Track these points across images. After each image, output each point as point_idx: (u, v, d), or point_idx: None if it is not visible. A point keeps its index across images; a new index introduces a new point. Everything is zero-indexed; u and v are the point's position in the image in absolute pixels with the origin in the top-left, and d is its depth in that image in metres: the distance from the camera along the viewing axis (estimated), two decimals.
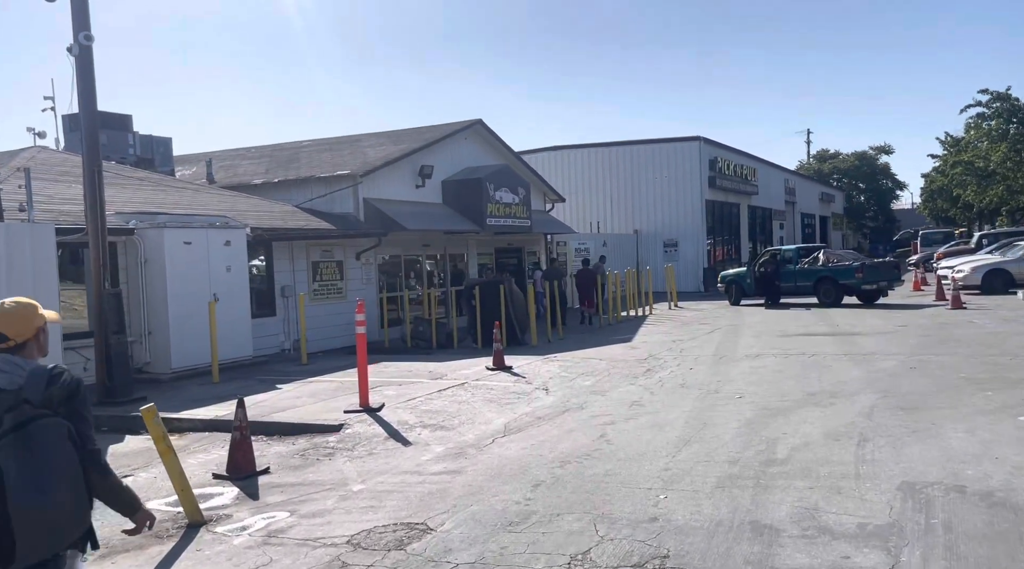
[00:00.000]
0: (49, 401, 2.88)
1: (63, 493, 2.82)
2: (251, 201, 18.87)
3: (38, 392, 2.87)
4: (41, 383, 2.90)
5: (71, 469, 2.86)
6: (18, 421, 2.80)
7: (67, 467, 2.85)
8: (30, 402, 2.85)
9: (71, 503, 2.85)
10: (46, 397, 2.88)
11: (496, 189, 23.40)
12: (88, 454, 2.95)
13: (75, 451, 2.89)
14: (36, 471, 2.77)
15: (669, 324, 20.88)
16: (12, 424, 2.79)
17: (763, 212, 44.78)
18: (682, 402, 10.16)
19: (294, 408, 10.76)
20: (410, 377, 13.03)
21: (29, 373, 2.92)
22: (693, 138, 35.69)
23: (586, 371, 13.20)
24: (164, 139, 24.73)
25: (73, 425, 2.91)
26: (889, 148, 70.69)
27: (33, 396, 2.86)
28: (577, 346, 16.97)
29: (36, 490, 2.75)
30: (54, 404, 2.89)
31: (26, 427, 2.80)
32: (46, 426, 2.84)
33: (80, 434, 2.93)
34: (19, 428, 2.79)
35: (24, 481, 2.74)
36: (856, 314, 20.58)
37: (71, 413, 2.92)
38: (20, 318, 3.05)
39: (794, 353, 13.88)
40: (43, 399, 2.87)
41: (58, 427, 2.86)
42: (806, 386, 10.72)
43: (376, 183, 20.64)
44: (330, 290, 19.09)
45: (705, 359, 13.84)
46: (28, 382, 2.89)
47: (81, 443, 2.92)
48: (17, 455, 2.77)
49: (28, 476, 2.75)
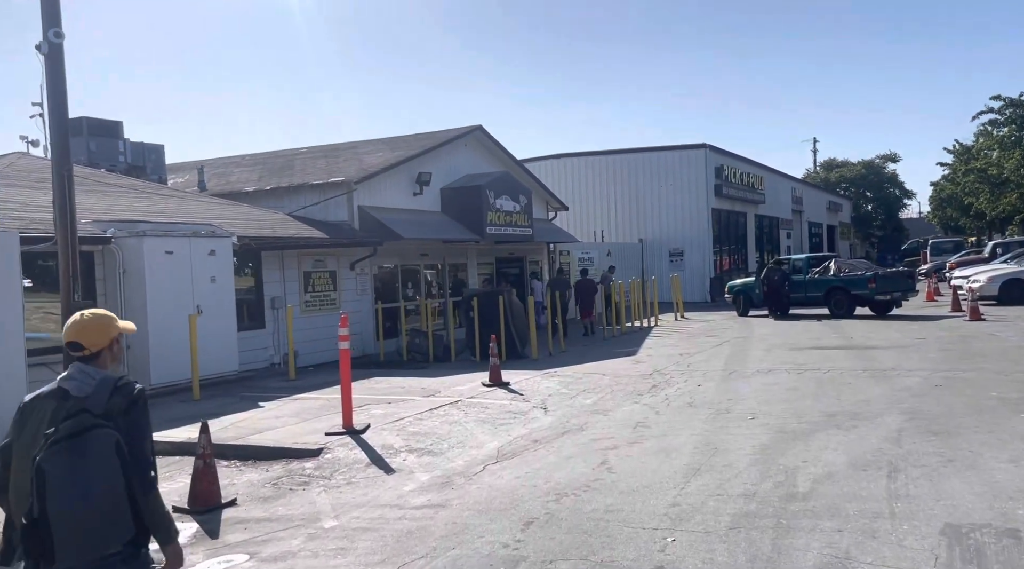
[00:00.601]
0: (109, 411, 2.96)
1: (100, 501, 2.87)
2: (240, 209, 18.18)
3: (101, 402, 2.96)
4: (105, 393, 2.99)
5: (112, 481, 2.90)
6: (73, 430, 2.88)
7: (109, 479, 2.90)
8: (90, 411, 2.93)
9: (109, 510, 2.90)
10: (108, 407, 2.97)
11: (496, 197, 22.69)
12: (135, 467, 2.98)
13: (119, 464, 2.93)
14: (78, 479, 2.85)
15: (675, 336, 20.12)
16: (67, 432, 2.88)
17: (770, 221, 44.00)
18: (690, 423, 9.40)
19: (273, 429, 10.02)
20: (401, 394, 12.28)
21: (98, 382, 3.01)
22: (699, 146, 34.97)
23: (588, 388, 12.44)
24: (156, 146, 24.12)
25: (129, 436, 2.97)
26: (896, 157, 69.88)
27: (95, 406, 2.95)
28: (579, 360, 16.22)
29: (75, 496, 2.83)
30: (114, 414, 2.97)
31: (79, 436, 2.88)
32: (97, 437, 2.90)
33: (132, 446, 2.98)
34: (73, 437, 2.88)
35: (65, 487, 2.83)
36: (870, 326, 19.79)
37: (129, 424, 2.99)
38: (95, 329, 3.13)
39: (808, 368, 13.10)
40: (104, 409, 2.96)
41: (108, 439, 2.92)
42: (824, 406, 9.94)
43: (372, 191, 19.95)
44: (323, 301, 18.38)
45: (714, 375, 13.07)
46: (94, 392, 2.98)
47: (130, 456, 2.96)
48: (64, 461, 2.85)
49: (70, 482, 2.84)
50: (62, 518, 2.83)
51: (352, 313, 19.11)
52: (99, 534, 2.89)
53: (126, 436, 2.97)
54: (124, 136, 23.10)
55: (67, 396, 2.99)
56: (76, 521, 2.84)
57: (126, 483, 2.94)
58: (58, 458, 2.86)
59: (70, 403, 2.96)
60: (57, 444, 2.87)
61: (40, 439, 2.92)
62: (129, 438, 2.97)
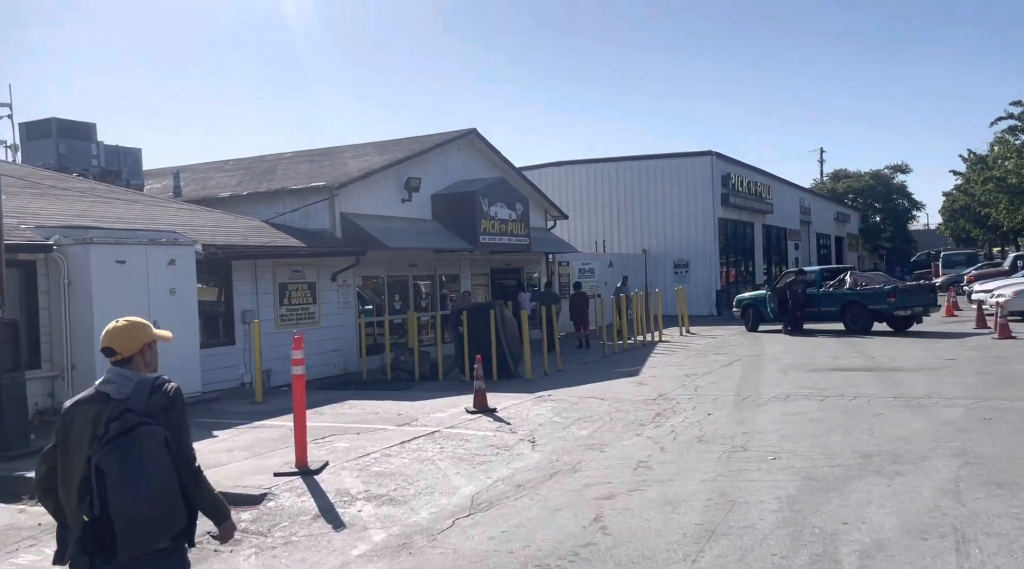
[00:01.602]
0: (150, 410, 3.15)
1: (157, 494, 3.06)
2: (212, 215, 16.87)
3: (141, 402, 3.16)
4: (145, 393, 3.18)
5: (165, 473, 3.10)
6: (122, 429, 3.07)
7: (162, 471, 3.09)
8: (134, 411, 3.12)
9: (165, 505, 3.09)
10: (148, 406, 3.16)
11: (491, 204, 21.37)
12: (182, 460, 3.19)
13: (169, 457, 3.13)
14: (134, 474, 3.03)
15: (681, 354, 18.74)
16: (116, 431, 3.07)
17: (778, 231, 42.60)
18: (701, 464, 8.03)
19: (217, 467, 8.65)
20: (374, 422, 10.91)
21: (136, 384, 3.19)
22: (705, 153, 33.64)
23: (583, 415, 11.06)
24: (133, 150, 22.89)
25: (170, 433, 3.16)
26: (906, 167, 68.47)
27: (137, 406, 3.14)
28: (576, 380, 14.86)
29: (133, 491, 3.02)
30: (155, 413, 3.16)
31: (128, 434, 3.07)
32: (146, 433, 3.09)
33: (175, 441, 3.17)
34: (123, 435, 3.07)
35: (123, 483, 3.01)
36: (891, 344, 18.38)
37: (169, 422, 3.18)
38: (126, 335, 3.30)
39: (831, 394, 11.71)
40: (145, 408, 3.15)
41: (156, 435, 3.11)
42: (857, 443, 8.55)
43: (355, 196, 18.65)
44: (300, 315, 17.03)
45: (725, 401, 11.69)
46: (134, 393, 3.17)
47: (176, 449, 3.16)
48: (119, 459, 3.03)
49: (127, 478, 3.02)
50: (124, 513, 3.00)
51: (333, 328, 17.84)
52: (157, 525, 3.08)
53: (168, 431, 3.15)
54: (98, 139, 21.88)
55: (108, 399, 3.17)
56: (136, 514, 3.02)
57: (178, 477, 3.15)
58: (113, 457, 3.02)
59: (112, 405, 3.14)
60: (109, 444, 3.04)
61: (90, 441, 3.10)
62: (171, 433, 3.16)
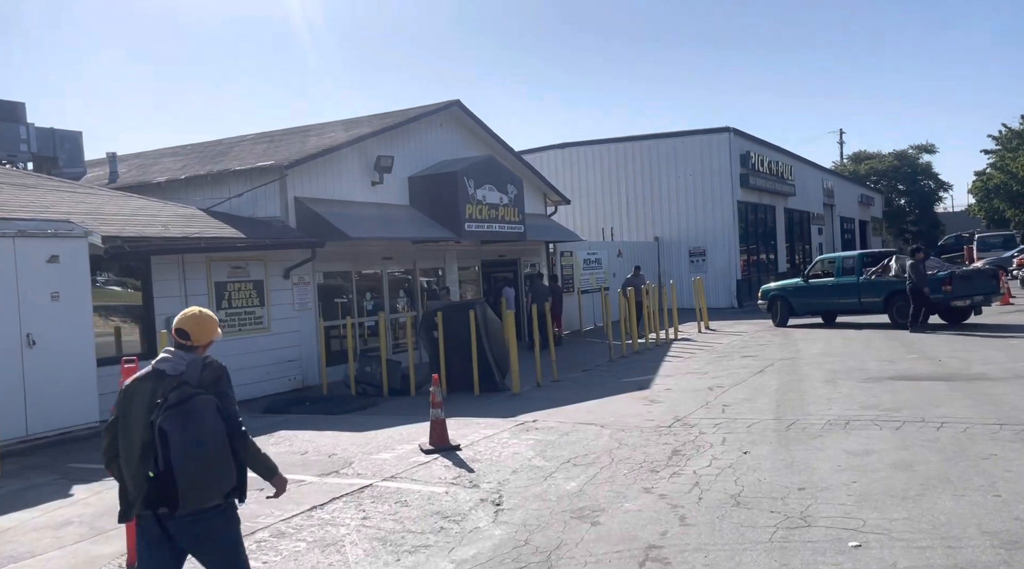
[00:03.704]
0: (203, 383, 3.65)
1: (213, 453, 3.56)
2: (134, 203, 14.10)
3: (195, 375, 3.66)
4: (197, 369, 3.69)
5: (219, 435, 3.60)
6: (181, 397, 3.56)
7: (216, 433, 3.59)
8: (189, 383, 3.61)
9: (219, 462, 3.59)
10: (201, 380, 3.65)
11: (477, 186, 18.51)
12: (232, 424, 3.68)
13: (222, 421, 3.63)
14: (193, 436, 3.52)
15: (701, 356, 15.84)
16: (176, 399, 3.55)
17: (800, 215, 39.43)
18: (744, 554, 5.17)
19: (21, 561, 5.87)
20: (293, 469, 8.09)
21: (188, 362, 3.70)
22: (722, 129, 30.53)
23: (575, 454, 8.21)
24: (72, 134, 20.26)
25: (220, 402, 3.66)
26: (932, 147, 65.03)
27: (191, 378, 3.63)
28: (573, 396, 12.04)
29: (193, 451, 3.50)
30: (206, 385, 3.66)
31: (187, 402, 3.56)
32: (202, 401, 3.59)
33: (226, 408, 3.68)
34: (182, 402, 3.55)
35: (184, 443, 3.50)
36: (953, 341, 15.41)
37: (219, 393, 3.69)
38: (204, 328, 3.85)
39: (907, 417, 8.79)
40: (199, 381, 3.64)
41: (210, 402, 3.62)
42: (982, 513, 5.63)
43: (314, 179, 15.84)
44: (245, 320, 14.25)
45: (764, 428, 8.80)
46: (188, 368, 3.67)
47: (226, 415, 3.66)
48: (179, 423, 3.51)
49: (187, 439, 3.50)
50: (184, 468, 3.48)
51: (288, 334, 15.07)
52: (212, 481, 3.58)
53: (219, 400, 3.66)
54: (28, 120, 19.16)
55: (163, 375, 3.66)
56: (195, 470, 3.50)
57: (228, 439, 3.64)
58: (174, 420, 3.51)
59: (168, 380, 3.63)
60: (171, 409, 3.52)
61: (148, 410, 3.58)
62: (221, 402, 3.67)
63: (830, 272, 20.18)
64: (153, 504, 3.53)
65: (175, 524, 3.55)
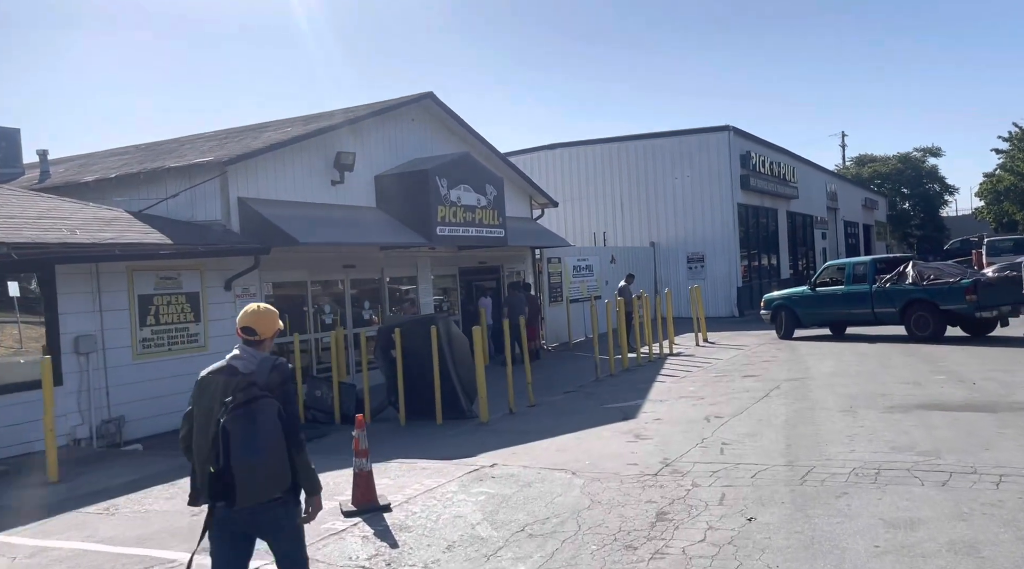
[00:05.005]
0: (269, 385, 3.74)
1: (269, 455, 3.66)
2: (41, 204, 12.33)
3: (263, 377, 3.75)
4: (266, 370, 3.78)
5: (276, 438, 3.70)
6: (247, 399, 3.66)
7: (274, 436, 3.69)
8: (256, 384, 3.71)
9: (275, 463, 3.68)
10: (268, 381, 3.74)
11: (451, 186, 16.75)
12: (291, 428, 3.77)
13: (280, 426, 3.71)
14: (252, 436, 3.62)
15: (697, 375, 14.07)
16: (242, 400, 3.65)
17: (803, 219, 37.64)
18: None
19: None
20: (172, 537, 6.30)
21: (259, 361, 3.80)
22: (721, 128, 28.80)
23: (533, 519, 6.42)
24: (8, 131, 18.46)
25: (284, 404, 3.76)
26: (938, 150, 63.27)
27: (259, 379, 3.74)
28: (547, 427, 10.31)
29: (251, 450, 3.62)
30: (272, 387, 3.75)
31: (251, 404, 3.66)
32: (264, 405, 3.68)
33: (288, 412, 3.77)
34: (247, 404, 3.65)
35: (244, 443, 3.60)
36: (982, 357, 13.63)
37: (284, 394, 3.79)
38: (267, 321, 3.98)
39: (954, 467, 6.99)
40: (266, 382, 3.73)
41: (272, 406, 3.70)
42: None
43: (262, 178, 14.08)
44: (175, 338, 12.46)
45: (773, 480, 7.02)
46: (257, 368, 3.76)
47: (287, 421, 3.75)
48: (242, 423, 3.62)
49: (247, 439, 3.61)
50: (242, 467, 3.60)
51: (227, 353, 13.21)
52: (267, 481, 3.67)
53: (283, 404, 3.75)
54: None
55: (235, 372, 3.77)
56: (252, 469, 3.61)
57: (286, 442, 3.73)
58: (237, 421, 3.61)
59: (238, 378, 3.73)
60: (236, 410, 3.63)
61: (219, 406, 3.69)
62: (285, 406, 3.76)
63: (839, 280, 18.45)
64: (214, 497, 3.67)
65: (239, 513, 3.67)
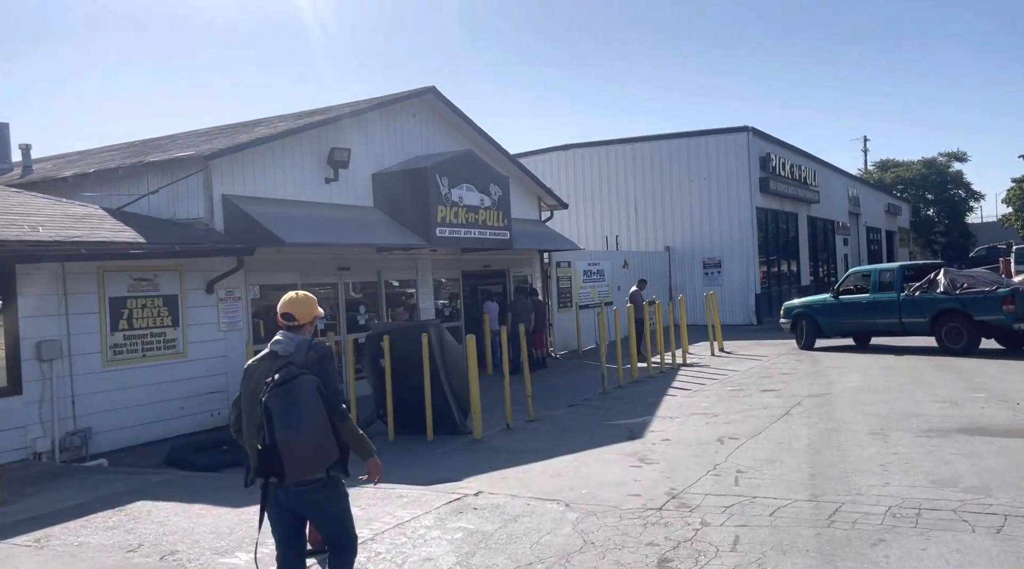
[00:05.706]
0: (307, 363, 4.00)
1: (312, 430, 3.88)
2: (8, 200, 11.55)
3: (301, 357, 4.01)
4: (303, 350, 4.04)
5: (318, 413, 3.91)
6: (286, 377, 3.91)
7: (315, 412, 3.91)
8: (295, 364, 3.98)
9: (318, 438, 3.90)
10: (306, 360, 4.01)
11: (452, 185, 15.87)
12: (331, 401, 3.99)
13: (322, 401, 3.94)
14: (294, 413, 3.86)
15: (712, 389, 13.09)
16: (282, 379, 3.90)
17: (824, 224, 36.45)
18: None
19: None
20: None
21: (296, 343, 4.08)
22: (740, 129, 27.73)
23: (515, 564, 5.49)
24: None
25: (323, 380, 4.00)
26: (963, 155, 61.70)
27: (297, 360, 4.00)
28: (548, 446, 9.39)
29: (293, 426, 3.84)
30: (310, 365, 4.00)
31: (291, 382, 3.90)
32: (304, 381, 3.92)
33: (327, 387, 3.99)
34: (286, 382, 3.90)
35: (286, 419, 3.84)
36: (1022, 372, 12.56)
37: (321, 372, 4.02)
38: (305, 306, 4.26)
39: (1008, 508, 6.00)
40: (304, 362, 4.00)
41: (311, 383, 3.94)
42: None
43: (249, 174, 13.25)
44: (151, 344, 11.63)
45: (795, 519, 6.05)
46: (296, 350, 4.04)
47: (327, 394, 3.97)
48: (282, 401, 3.86)
49: (289, 416, 3.85)
50: (287, 443, 3.82)
51: (210, 360, 12.48)
52: (313, 454, 3.89)
53: (321, 380, 3.97)
54: None
55: (276, 356, 4.04)
56: (296, 445, 3.84)
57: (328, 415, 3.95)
58: (278, 399, 3.86)
59: (279, 360, 4.00)
60: (276, 388, 3.88)
61: (263, 386, 3.93)
62: (324, 381, 3.98)
63: (864, 287, 17.42)
64: (265, 474, 3.89)
65: (284, 493, 3.94)
